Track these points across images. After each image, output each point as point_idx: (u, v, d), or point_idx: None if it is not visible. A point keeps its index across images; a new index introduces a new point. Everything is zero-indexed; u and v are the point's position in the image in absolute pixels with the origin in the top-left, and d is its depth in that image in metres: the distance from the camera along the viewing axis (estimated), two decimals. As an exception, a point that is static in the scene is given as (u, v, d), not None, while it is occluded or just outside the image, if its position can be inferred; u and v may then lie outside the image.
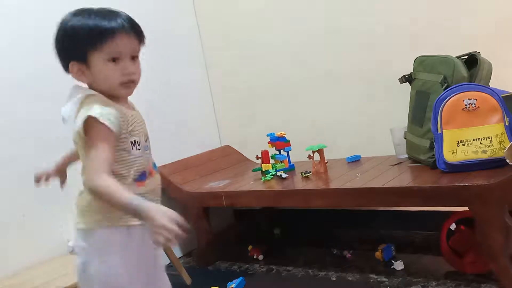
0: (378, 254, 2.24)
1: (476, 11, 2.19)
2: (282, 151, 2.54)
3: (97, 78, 1.25)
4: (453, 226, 1.94)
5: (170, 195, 2.65)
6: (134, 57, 1.28)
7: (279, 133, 2.53)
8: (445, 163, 1.88)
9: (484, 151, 1.82)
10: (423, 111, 2.07)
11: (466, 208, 1.81)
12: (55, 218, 2.28)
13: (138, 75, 1.29)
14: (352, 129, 2.63)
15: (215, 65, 3.11)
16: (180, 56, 3.00)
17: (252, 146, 2.77)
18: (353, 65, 2.57)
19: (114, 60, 1.23)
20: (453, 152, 1.86)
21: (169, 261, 2.36)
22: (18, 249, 2.13)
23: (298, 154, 2.55)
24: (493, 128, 1.82)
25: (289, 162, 2.56)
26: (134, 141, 1.29)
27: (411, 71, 2.22)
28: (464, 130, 1.85)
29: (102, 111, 1.19)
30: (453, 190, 1.76)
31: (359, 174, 2.19)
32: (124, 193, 1.15)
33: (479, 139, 1.83)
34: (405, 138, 2.25)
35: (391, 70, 2.36)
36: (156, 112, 2.79)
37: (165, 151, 2.79)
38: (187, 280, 2.37)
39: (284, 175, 2.40)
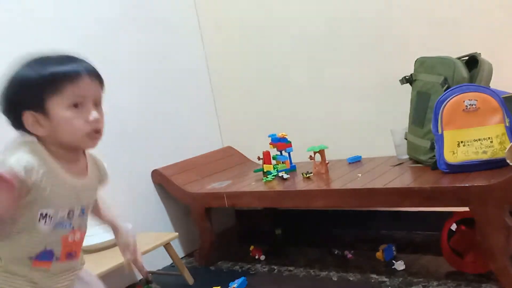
0: (379, 254, 2.25)
1: (477, 11, 2.20)
2: (283, 152, 2.55)
3: (57, 128, 1.09)
4: (453, 226, 1.95)
5: (172, 196, 2.67)
6: (97, 105, 1.15)
7: (280, 134, 2.53)
8: (446, 163, 1.89)
9: (485, 152, 1.83)
10: (424, 112, 2.08)
11: (466, 209, 1.81)
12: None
13: (103, 124, 1.16)
14: (353, 130, 2.63)
15: (216, 66, 3.12)
16: (182, 57, 3.00)
17: (254, 147, 2.78)
18: (354, 66, 2.57)
19: (76, 106, 1.09)
20: (453, 153, 1.87)
21: (172, 261, 2.38)
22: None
23: (299, 155, 2.55)
24: (494, 128, 1.83)
25: (291, 162, 2.57)
26: (45, 214, 1.10)
27: (412, 72, 2.23)
28: (465, 130, 1.86)
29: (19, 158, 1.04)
30: (453, 190, 1.77)
31: (360, 175, 2.19)
32: None
33: (479, 139, 1.84)
34: (406, 139, 2.26)
35: (392, 71, 2.36)
36: (158, 114, 2.80)
37: (167, 152, 2.80)
38: (189, 280, 2.38)
39: (285, 176, 2.41)
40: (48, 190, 1.08)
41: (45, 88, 1.08)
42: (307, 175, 2.34)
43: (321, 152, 2.35)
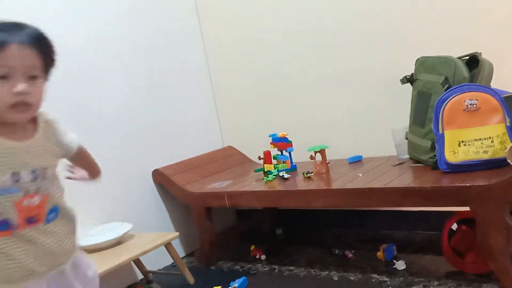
0: (379, 254, 2.25)
1: (477, 11, 2.20)
2: (284, 151, 2.55)
3: None
4: (454, 226, 1.95)
5: (173, 195, 2.67)
6: (34, 77, 1.09)
7: (281, 134, 2.53)
8: (446, 163, 1.89)
9: (485, 152, 1.83)
10: (425, 112, 2.08)
11: (467, 208, 1.81)
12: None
13: (35, 97, 1.10)
14: (353, 129, 2.63)
15: (217, 66, 3.12)
16: (182, 57, 3.00)
17: (254, 147, 2.78)
18: (355, 66, 2.57)
19: (3, 77, 1.05)
20: (454, 153, 1.87)
21: (172, 261, 2.38)
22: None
23: (300, 155, 2.55)
24: (494, 128, 1.83)
25: (291, 162, 2.57)
26: None
27: (413, 71, 2.23)
28: (465, 130, 1.86)
29: None
30: (454, 190, 1.77)
31: (360, 175, 2.19)
32: None
33: (480, 139, 1.84)
34: (406, 139, 2.26)
35: (393, 70, 2.37)
36: (159, 113, 2.80)
37: (167, 151, 2.80)
38: (190, 280, 2.38)
39: (286, 176, 2.41)
40: None
41: None
42: (308, 175, 2.34)
43: (322, 151, 2.36)
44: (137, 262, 2.51)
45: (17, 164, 1.09)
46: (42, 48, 1.11)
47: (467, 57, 2.05)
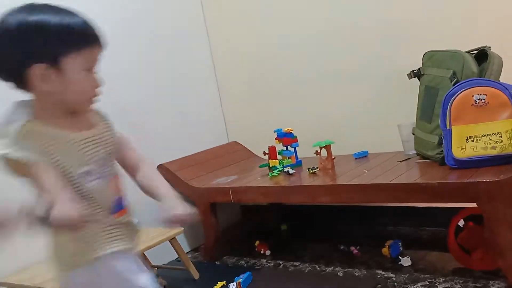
0: (385, 250, 2.24)
1: (487, 5, 2.17)
2: (289, 147, 2.54)
3: (67, 87, 1.05)
4: (461, 223, 1.93)
5: (178, 191, 2.66)
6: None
7: (286, 129, 2.52)
8: (454, 159, 1.87)
9: (494, 147, 1.81)
10: (432, 107, 2.06)
11: (474, 205, 1.80)
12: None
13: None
14: (359, 125, 2.62)
15: (222, 61, 3.11)
16: (187, 52, 2.99)
17: (259, 142, 2.77)
18: (361, 61, 2.55)
19: (89, 70, 1.08)
20: (462, 148, 1.85)
21: (177, 256, 2.37)
22: (29, 243, 2.14)
23: (305, 150, 2.54)
24: (503, 124, 1.81)
25: (296, 158, 2.55)
26: (81, 172, 1.10)
27: (420, 66, 2.21)
28: (474, 126, 1.84)
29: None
30: (461, 186, 1.75)
31: (366, 170, 2.18)
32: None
33: (488, 135, 1.81)
34: (413, 134, 2.24)
35: (400, 65, 2.35)
36: (164, 109, 2.79)
37: (172, 147, 2.80)
38: (195, 275, 2.37)
39: (291, 171, 2.40)
40: (57, 156, 1.05)
41: (65, 43, 1.02)
42: (313, 171, 2.33)
43: (327, 147, 2.34)
44: (142, 257, 2.51)
45: (93, 153, 1.12)
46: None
47: (476, 51, 2.02)
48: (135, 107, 2.64)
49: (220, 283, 2.22)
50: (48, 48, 1.01)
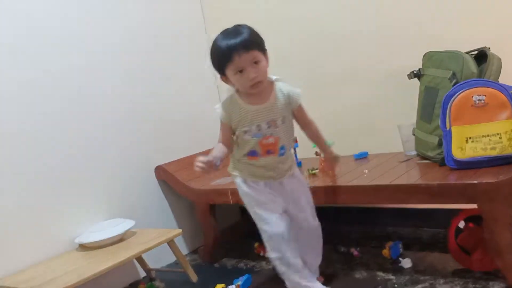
0: (385, 251, 2.23)
1: (486, 6, 2.17)
2: (288, 148, 2.53)
3: (235, 84, 1.76)
4: (461, 224, 1.93)
5: (176, 192, 2.65)
6: (256, 62, 1.68)
7: (285, 130, 2.51)
8: (454, 160, 1.87)
9: (493, 148, 1.80)
10: (432, 107, 2.06)
11: (474, 206, 1.79)
12: (62, 215, 2.29)
13: (261, 75, 1.70)
14: (359, 125, 2.61)
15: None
16: (187, 53, 2.99)
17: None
18: (361, 61, 2.55)
19: (241, 71, 1.68)
20: (461, 149, 1.85)
21: (175, 258, 2.36)
22: (26, 245, 2.14)
23: (305, 151, 2.53)
24: (503, 124, 1.80)
25: (296, 159, 2.54)
26: (244, 130, 1.78)
27: (420, 66, 2.20)
28: (473, 126, 1.83)
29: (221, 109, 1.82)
30: (461, 187, 1.75)
31: (366, 171, 2.17)
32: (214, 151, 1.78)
33: (488, 135, 1.81)
34: (413, 135, 2.23)
35: (400, 65, 2.34)
36: (163, 110, 2.79)
37: (171, 148, 2.79)
38: (193, 277, 2.37)
39: (290, 172, 2.39)
40: (238, 117, 1.78)
41: (220, 63, 1.74)
42: (313, 172, 2.33)
43: (327, 148, 2.33)
44: (140, 259, 2.51)
45: (259, 119, 1.77)
46: (255, 43, 1.69)
47: (476, 52, 2.02)
48: (133, 108, 2.63)
49: (219, 286, 2.20)
50: (218, 65, 1.76)
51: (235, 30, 1.69)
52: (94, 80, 2.47)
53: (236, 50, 1.64)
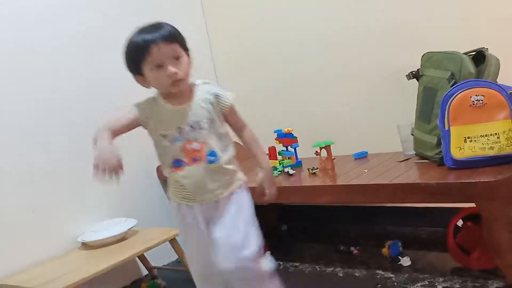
0: (385, 250, 2.24)
1: (484, 6, 2.18)
2: (289, 147, 2.54)
3: (151, 83, 1.53)
4: (460, 223, 1.94)
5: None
6: (178, 57, 1.49)
7: (286, 130, 2.53)
8: (452, 159, 1.88)
9: (492, 148, 1.82)
10: (431, 108, 2.07)
11: (473, 205, 1.80)
12: (65, 214, 2.30)
13: (183, 72, 1.49)
14: (359, 125, 2.63)
15: (222, 62, 3.11)
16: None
17: (259, 143, 2.77)
18: (360, 62, 2.56)
19: (159, 66, 1.46)
20: (460, 149, 1.86)
21: (177, 257, 2.38)
22: (28, 244, 2.15)
23: (305, 151, 2.55)
24: (501, 124, 1.82)
25: (296, 158, 2.56)
26: (162, 134, 1.53)
27: (419, 67, 2.21)
28: (472, 126, 1.85)
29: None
30: (460, 186, 1.76)
31: (366, 171, 2.19)
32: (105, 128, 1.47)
33: (486, 135, 1.82)
34: (412, 135, 2.25)
35: (399, 66, 2.36)
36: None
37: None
38: (195, 275, 2.38)
39: (291, 172, 2.41)
40: (156, 117, 1.53)
41: (135, 58, 1.49)
42: (313, 171, 2.34)
43: (327, 147, 2.35)
44: (142, 258, 2.52)
45: (180, 121, 1.52)
46: (177, 37, 1.51)
47: (474, 53, 2.03)
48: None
49: (221, 284, 2.22)
50: (133, 64, 1.52)
51: (154, 25, 1.50)
52: (95, 80, 2.49)
53: (155, 43, 1.44)
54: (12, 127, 2.15)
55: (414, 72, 2.22)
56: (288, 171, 2.42)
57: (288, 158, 2.54)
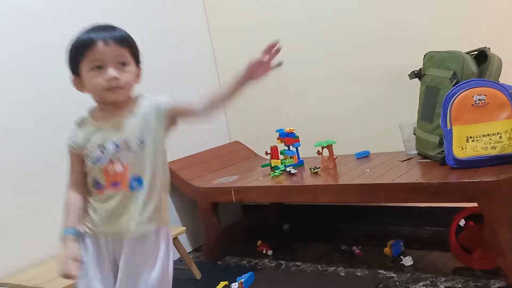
0: (387, 249, 2.24)
1: (486, 6, 2.18)
2: (291, 146, 2.55)
3: (86, 87, 1.33)
4: (462, 222, 1.94)
5: (179, 190, 2.67)
6: (123, 64, 1.30)
7: (288, 129, 2.53)
8: (454, 159, 1.88)
9: (494, 147, 1.81)
10: (433, 107, 2.07)
11: (475, 204, 1.80)
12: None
13: (125, 80, 1.30)
14: (361, 125, 2.63)
15: (224, 61, 3.12)
16: (189, 52, 3.00)
17: (261, 142, 2.78)
18: (362, 62, 2.56)
19: (99, 67, 1.28)
20: (462, 148, 1.86)
21: (179, 256, 2.38)
22: (28, 244, 2.16)
23: (307, 150, 2.55)
24: (503, 124, 1.82)
25: (298, 157, 2.56)
26: (86, 153, 1.35)
27: (421, 66, 2.21)
28: (474, 126, 1.85)
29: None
30: (462, 186, 1.76)
31: (368, 170, 2.19)
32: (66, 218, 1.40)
33: (488, 135, 1.82)
34: (414, 134, 2.25)
35: (401, 65, 2.35)
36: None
37: (174, 147, 2.79)
38: (197, 274, 2.38)
39: (293, 171, 2.41)
40: (82, 136, 1.35)
41: (75, 55, 1.31)
42: (315, 170, 2.34)
43: (329, 147, 2.35)
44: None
45: (104, 137, 1.32)
46: (129, 42, 1.33)
47: (476, 52, 2.03)
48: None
49: (222, 283, 2.23)
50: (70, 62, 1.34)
51: (107, 25, 1.33)
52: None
53: (101, 39, 1.26)
54: (12, 127, 2.15)
55: (416, 72, 2.22)
56: (290, 171, 2.42)
57: (290, 158, 2.54)
